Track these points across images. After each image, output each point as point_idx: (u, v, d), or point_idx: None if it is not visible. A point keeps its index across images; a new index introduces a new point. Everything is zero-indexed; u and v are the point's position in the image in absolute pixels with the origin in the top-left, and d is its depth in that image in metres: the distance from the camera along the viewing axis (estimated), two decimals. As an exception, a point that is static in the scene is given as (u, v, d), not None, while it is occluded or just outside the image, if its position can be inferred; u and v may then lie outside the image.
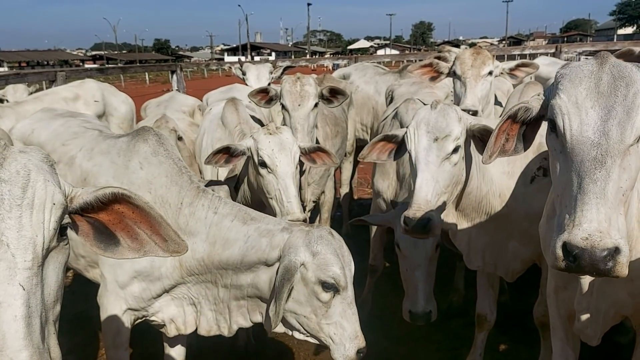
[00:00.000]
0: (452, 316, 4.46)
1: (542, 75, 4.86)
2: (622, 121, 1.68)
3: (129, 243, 1.62)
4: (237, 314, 2.66)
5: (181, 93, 5.20)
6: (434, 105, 2.80)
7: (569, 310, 2.61)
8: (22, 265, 1.28)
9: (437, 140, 2.71)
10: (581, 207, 1.64)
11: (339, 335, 2.34)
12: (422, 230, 2.61)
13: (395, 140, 2.93)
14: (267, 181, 3.32)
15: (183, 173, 2.72)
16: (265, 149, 3.30)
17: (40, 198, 1.35)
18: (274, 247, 2.39)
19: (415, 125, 2.77)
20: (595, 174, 1.65)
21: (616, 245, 1.60)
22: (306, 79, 4.12)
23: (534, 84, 3.24)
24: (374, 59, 8.90)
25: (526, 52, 9.11)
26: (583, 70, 1.79)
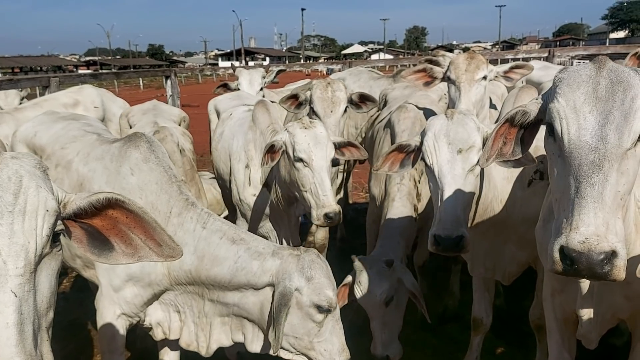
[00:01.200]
0: (448, 320, 4.46)
1: (533, 79, 4.88)
2: (619, 125, 1.69)
3: (123, 248, 1.61)
4: (220, 332, 2.69)
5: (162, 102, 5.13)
6: (449, 115, 2.73)
7: (565, 313, 2.62)
8: (14, 272, 1.27)
9: (461, 152, 2.63)
10: (578, 211, 1.64)
11: (329, 351, 2.43)
12: (455, 248, 2.55)
13: (407, 149, 2.84)
14: (302, 174, 3.30)
15: (173, 182, 2.73)
16: (301, 142, 3.28)
17: (32, 204, 1.33)
18: (265, 271, 2.44)
19: (433, 137, 2.68)
20: (592, 178, 1.66)
21: (613, 248, 1.60)
22: (337, 84, 4.19)
23: (527, 87, 3.26)
24: (368, 64, 8.92)
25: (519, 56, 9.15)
26: (581, 74, 1.79)
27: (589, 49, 9.41)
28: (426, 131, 2.74)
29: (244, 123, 4.17)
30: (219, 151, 4.39)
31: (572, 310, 2.60)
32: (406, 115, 4.15)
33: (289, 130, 3.37)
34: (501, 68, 4.07)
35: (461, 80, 3.79)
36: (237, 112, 4.48)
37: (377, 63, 9.95)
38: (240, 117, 4.36)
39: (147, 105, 4.92)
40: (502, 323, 4.18)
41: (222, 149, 4.33)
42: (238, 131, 4.18)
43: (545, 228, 2.49)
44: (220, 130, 4.48)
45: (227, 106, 4.85)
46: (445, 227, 2.53)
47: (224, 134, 4.38)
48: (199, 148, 5.26)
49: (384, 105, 4.98)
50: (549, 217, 2.45)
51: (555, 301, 2.64)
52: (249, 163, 3.94)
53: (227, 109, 4.77)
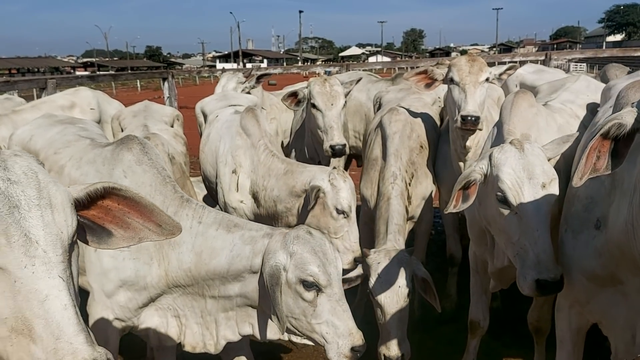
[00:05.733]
0: (445, 322, 4.45)
1: (527, 83, 4.88)
2: None
3: (122, 233, 1.69)
4: (225, 328, 2.65)
5: (154, 102, 5.13)
6: (518, 146, 2.55)
7: (580, 324, 2.61)
8: (56, 259, 1.38)
9: (544, 186, 2.47)
10: None
11: (332, 334, 2.33)
12: (560, 289, 2.44)
13: (471, 184, 2.62)
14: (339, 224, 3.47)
15: (167, 182, 2.72)
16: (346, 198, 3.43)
17: (56, 198, 1.44)
18: (257, 253, 2.40)
19: (513, 173, 2.48)
20: None
21: None
22: (333, 79, 4.37)
23: (523, 92, 3.24)
24: (365, 66, 8.94)
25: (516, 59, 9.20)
26: None
27: (586, 52, 9.40)
28: (499, 166, 2.52)
29: (231, 126, 4.18)
30: (205, 153, 4.41)
31: (590, 320, 2.58)
32: (397, 118, 4.17)
33: (332, 183, 3.42)
34: (497, 70, 4.07)
35: (466, 82, 3.77)
36: (224, 114, 4.50)
37: (375, 65, 9.96)
38: (226, 119, 4.37)
39: (138, 106, 4.91)
40: (499, 325, 4.18)
41: (208, 151, 4.36)
42: (225, 134, 4.19)
43: (577, 240, 2.44)
44: (207, 132, 4.50)
45: (214, 108, 4.87)
46: (550, 270, 2.38)
47: (210, 136, 4.39)
48: (195, 150, 5.25)
49: (378, 108, 5.00)
50: (581, 229, 2.42)
51: (572, 311, 2.61)
52: (236, 169, 3.96)
53: (213, 110, 4.79)
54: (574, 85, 3.89)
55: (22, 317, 1.33)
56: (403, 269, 3.29)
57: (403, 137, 4.13)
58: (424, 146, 4.33)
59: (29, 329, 1.33)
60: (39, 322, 1.32)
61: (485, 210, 2.71)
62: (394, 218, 3.77)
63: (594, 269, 2.32)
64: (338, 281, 2.38)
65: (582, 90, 3.80)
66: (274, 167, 3.75)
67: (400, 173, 3.99)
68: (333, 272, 2.35)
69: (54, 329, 1.32)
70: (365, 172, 4.38)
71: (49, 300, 1.34)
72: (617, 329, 2.38)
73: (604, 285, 2.34)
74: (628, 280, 2.18)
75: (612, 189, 2.23)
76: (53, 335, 1.31)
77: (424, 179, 4.23)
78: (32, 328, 1.32)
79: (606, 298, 2.34)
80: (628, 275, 2.14)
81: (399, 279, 3.27)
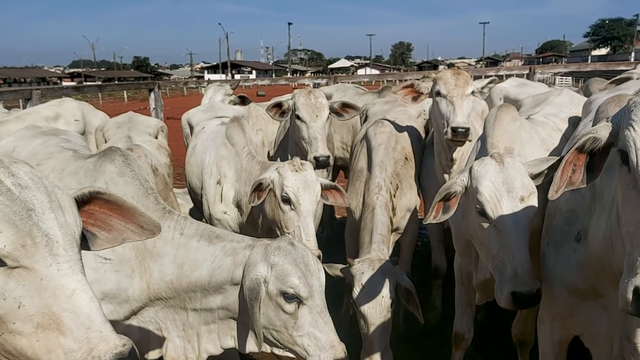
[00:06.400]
0: (429, 334, 4.45)
1: (511, 96, 4.94)
2: None
3: (105, 235, 1.79)
4: (207, 341, 2.62)
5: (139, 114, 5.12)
6: (498, 159, 2.56)
7: (562, 336, 2.62)
8: (75, 257, 1.49)
9: (522, 200, 2.46)
10: None
11: (313, 346, 2.31)
12: (536, 303, 2.44)
13: (452, 196, 2.64)
14: (287, 217, 3.31)
15: (149, 194, 2.70)
16: (290, 185, 3.28)
17: (64, 201, 1.54)
18: (238, 265, 2.39)
19: (492, 186, 2.48)
20: None
21: None
22: (318, 92, 4.38)
23: (506, 106, 3.27)
24: (353, 79, 8.99)
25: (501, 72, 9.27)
26: None
27: (570, 66, 9.58)
28: (479, 179, 2.53)
29: (216, 137, 4.19)
30: (191, 165, 4.41)
31: (572, 333, 2.60)
32: (382, 130, 4.21)
33: (279, 171, 3.36)
34: (479, 84, 4.12)
35: (453, 94, 3.81)
36: (210, 126, 4.51)
37: (362, 78, 10.03)
38: (213, 130, 4.37)
39: (123, 117, 4.88)
40: (483, 338, 4.18)
41: (194, 163, 4.35)
42: (210, 145, 4.19)
43: (558, 253, 2.45)
44: (193, 144, 4.50)
45: (200, 119, 4.88)
46: (526, 283, 2.37)
47: (196, 147, 4.39)
48: (181, 161, 5.24)
49: (364, 120, 5.04)
50: (562, 242, 2.43)
51: (554, 324, 2.63)
52: (221, 179, 3.96)
53: (199, 122, 4.80)
54: (557, 99, 3.94)
55: (49, 312, 1.41)
56: (387, 279, 3.29)
57: (388, 149, 4.16)
58: (408, 158, 4.35)
59: (57, 323, 1.41)
60: (67, 315, 1.41)
61: (467, 223, 2.73)
62: (378, 228, 3.77)
63: (575, 282, 2.34)
64: (320, 293, 2.37)
65: (565, 104, 3.84)
66: (253, 170, 3.74)
67: (385, 184, 4.01)
68: (315, 283, 2.34)
69: (84, 320, 1.42)
70: (351, 183, 4.40)
71: (76, 295, 1.43)
72: (599, 342, 2.39)
73: (586, 298, 2.35)
74: (609, 293, 2.19)
75: (592, 202, 2.25)
76: (84, 326, 1.41)
77: (408, 190, 4.25)
78: (60, 322, 1.41)
79: (588, 311, 2.36)
80: (609, 288, 2.16)
81: (382, 289, 3.26)
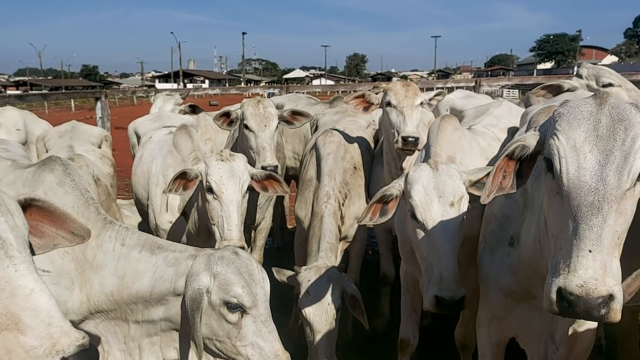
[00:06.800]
0: (377, 341, 4.50)
1: (457, 108, 5.11)
2: (619, 166, 1.65)
3: (37, 241, 1.84)
4: (149, 354, 2.58)
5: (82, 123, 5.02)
6: (433, 165, 2.65)
7: (499, 338, 2.70)
8: (28, 258, 1.54)
9: (452, 205, 2.55)
10: (577, 253, 1.62)
11: (257, 356, 2.29)
12: (459, 308, 2.49)
13: (387, 199, 2.74)
14: (212, 207, 3.33)
15: (90, 204, 2.65)
16: (214, 174, 3.31)
17: (11, 205, 1.58)
18: (180, 275, 2.36)
19: (423, 190, 2.57)
20: (591, 220, 1.62)
21: (611, 292, 1.59)
22: (267, 101, 4.33)
23: (448, 117, 3.39)
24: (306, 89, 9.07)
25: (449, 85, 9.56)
26: (582, 110, 1.75)
27: (513, 79, 10.00)
28: (412, 183, 2.62)
29: (163, 146, 4.16)
30: (137, 175, 4.35)
31: (508, 335, 2.69)
32: (331, 140, 4.26)
33: (205, 161, 3.40)
34: (427, 96, 4.24)
35: (403, 105, 3.90)
36: (157, 135, 4.47)
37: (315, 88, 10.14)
38: (160, 139, 4.34)
39: (65, 126, 4.77)
40: (429, 343, 4.26)
41: (140, 173, 4.30)
42: (157, 154, 4.15)
43: (493, 257, 2.54)
44: (140, 154, 4.45)
45: (147, 129, 4.82)
46: (450, 289, 2.43)
47: (143, 157, 4.34)
48: (130, 172, 5.13)
49: (315, 129, 5.09)
50: (497, 246, 2.52)
51: (492, 326, 2.70)
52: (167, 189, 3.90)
53: (147, 131, 4.76)
54: (496, 110, 4.11)
55: (7, 313, 1.45)
56: (332, 286, 3.32)
57: (337, 158, 4.21)
58: (357, 167, 4.41)
59: (16, 323, 1.46)
60: (27, 314, 1.46)
61: (406, 227, 2.80)
62: (326, 236, 3.80)
63: (509, 285, 2.43)
64: (265, 302, 2.36)
65: (504, 115, 4.01)
66: None
67: (334, 193, 4.05)
68: (259, 292, 2.33)
69: (45, 317, 1.47)
70: (300, 192, 4.42)
71: (35, 293, 1.49)
72: (532, 342, 2.49)
73: (519, 300, 2.44)
74: (540, 295, 2.27)
75: (524, 208, 2.36)
76: (44, 323, 1.46)
77: (357, 199, 4.31)
78: (19, 321, 1.46)
79: (522, 313, 2.45)
80: (540, 290, 2.24)
81: (328, 296, 3.28)
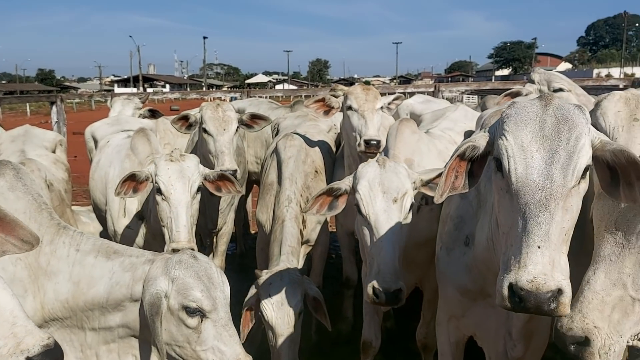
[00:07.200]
0: (340, 344, 4.51)
1: (416, 112, 5.20)
2: (565, 164, 1.73)
3: None
4: None
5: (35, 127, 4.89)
6: (381, 162, 2.73)
7: (458, 337, 2.76)
8: None
9: (395, 201, 2.63)
10: (526, 250, 1.68)
11: None
12: (394, 301, 2.54)
13: (336, 193, 2.83)
14: (161, 208, 3.31)
15: (42, 209, 2.59)
16: (162, 175, 3.29)
17: None
18: (137, 280, 2.33)
19: (368, 185, 2.66)
20: (539, 217, 1.69)
21: (559, 287, 1.65)
22: (226, 104, 4.32)
23: (406, 120, 3.47)
24: (268, 93, 9.05)
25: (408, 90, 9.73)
26: (528, 111, 1.83)
27: (471, 84, 10.24)
28: (359, 179, 2.71)
29: (121, 150, 4.10)
30: (95, 180, 4.28)
31: (466, 333, 2.75)
32: (292, 143, 4.26)
33: (154, 162, 3.37)
34: (386, 100, 4.30)
35: (364, 108, 3.94)
36: (115, 139, 4.41)
37: (276, 93, 10.10)
38: (118, 144, 4.28)
39: (17, 131, 4.65)
40: (392, 344, 4.31)
41: (98, 178, 4.23)
42: (115, 159, 4.09)
43: (450, 257, 2.60)
44: (97, 159, 4.38)
45: (105, 133, 4.75)
46: (385, 281, 2.50)
47: (100, 162, 4.28)
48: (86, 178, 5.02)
49: (276, 134, 5.08)
50: (453, 246, 2.58)
51: (450, 325, 2.76)
52: None
53: (104, 136, 4.68)
54: (453, 114, 4.21)
55: None
56: (294, 289, 3.32)
57: (298, 162, 4.21)
58: (319, 171, 4.43)
59: None
60: None
61: (356, 222, 2.86)
62: (288, 240, 3.80)
63: (465, 283, 2.49)
64: (225, 305, 2.35)
65: (460, 119, 4.11)
66: None
67: (295, 197, 4.05)
68: (219, 296, 2.32)
69: (8, 317, 1.51)
70: (261, 197, 4.41)
71: None
72: (490, 341, 2.55)
73: (476, 299, 2.50)
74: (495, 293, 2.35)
75: (478, 208, 2.43)
76: (8, 322, 1.50)
77: (318, 203, 4.32)
78: None
79: (478, 311, 2.51)
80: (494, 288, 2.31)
81: (290, 299, 3.28)
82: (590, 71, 64.61)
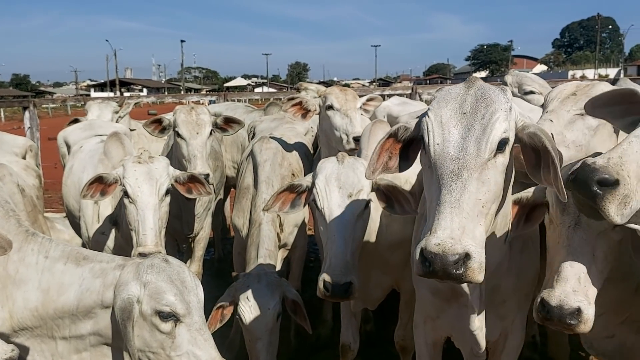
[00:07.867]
0: (320, 348, 4.50)
1: (393, 114, 5.22)
2: (478, 137, 1.83)
3: None
4: None
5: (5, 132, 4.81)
6: (340, 158, 2.76)
7: (435, 338, 2.77)
8: None
9: (351, 196, 2.67)
10: (437, 216, 1.76)
11: None
12: (344, 295, 2.56)
13: (298, 190, 2.87)
14: (128, 211, 3.26)
15: (10, 216, 2.53)
16: (129, 177, 3.24)
17: None
18: (108, 286, 2.28)
19: (324, 180, 2.70)
20: (451, 185, 1.78)
21: (467, 251, 1.69)
22: (201, 108, 4.27)
23: (380, 121, 3.46)
24: (245, 96, 9.05)
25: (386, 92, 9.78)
26: (451, 92, 1.95)
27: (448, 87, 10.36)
28: (317, 174, 2.75)
29: (94, 155, 4.05)
30: (68, 186, 4.22)
31: (442, 335, 2.76)
32: (268, 146, 4.23)
33: (122, 164, 3.33)
34: (361, 100, 4.30)
35: (347, 107, 3.96)
36: (88, 144, 4.36)
37: (254, 96, 10.11)
38: (91, 149, 4.23)
39: None
40: (371, 346, 4.31)
41: (71, 184, 4.17)
42: (88, 164, 4.04)
43: None
44: (70, 164, 4.32)
45: (78, 138, 4.68)
46: (335, 274, 2.53)
47: (73, 167, 4.22)
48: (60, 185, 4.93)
49: (252, 137, 5.05)
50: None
51: (427, 327, 2.76)
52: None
53: (77, 141, 4.62)
54: (428, 116, 4.21)
55: None
56: (272, 291, 3.30)
57: (274, 165, 4.18)
58: (296, 174, 4.40)
59: None
60: None
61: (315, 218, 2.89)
62: (265, 243, 3.77)
63: (436, 284, 2.49)
64: (199, 309, 2.32)
65: (435, 120, 4.12)
66: None
67: None
68: (193, 300, 2.29)
69: None
70: (237, 201, 4.37)
71: None
72: (465, 341, 2.56)
73: (449, 300, 2.51)
74: (465, 292, 2.37)
75: None
76: None
77: (296, 206, 4.30)
78: None
79: (453, 312, 2.52)
80: (465, 287, 2.33)
81: (268, 302, 3.25)
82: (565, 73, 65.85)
